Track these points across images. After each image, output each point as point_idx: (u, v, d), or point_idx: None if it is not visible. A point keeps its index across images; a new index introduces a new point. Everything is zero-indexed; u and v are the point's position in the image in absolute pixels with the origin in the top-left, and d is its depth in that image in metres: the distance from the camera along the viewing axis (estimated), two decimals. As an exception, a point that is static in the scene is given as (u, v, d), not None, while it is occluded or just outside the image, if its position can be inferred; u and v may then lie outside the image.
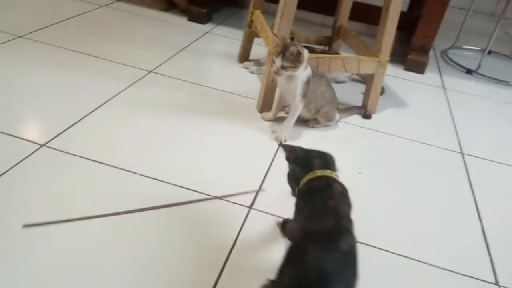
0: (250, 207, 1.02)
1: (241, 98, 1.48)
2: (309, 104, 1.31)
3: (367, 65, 1.43)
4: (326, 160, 0.83)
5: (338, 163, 1.21)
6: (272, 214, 1.00)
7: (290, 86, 1.25)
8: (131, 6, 2.13)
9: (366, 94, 1.51)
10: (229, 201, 1.02)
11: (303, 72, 1.23)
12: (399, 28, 1.43)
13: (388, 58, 1.44)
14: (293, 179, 0.83)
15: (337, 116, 1.40)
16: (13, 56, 1.49)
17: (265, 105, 1.40)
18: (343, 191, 0.78)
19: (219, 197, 1.02)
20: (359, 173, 1.21)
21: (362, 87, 1.59)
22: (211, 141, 1.23)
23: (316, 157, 0.83)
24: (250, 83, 1.59)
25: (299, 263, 0.63)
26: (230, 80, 1.60)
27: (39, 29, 1.71)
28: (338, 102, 1.40)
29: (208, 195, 1.02)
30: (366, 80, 1.52)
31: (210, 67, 1.69)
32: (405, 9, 2.31)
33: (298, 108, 1.29)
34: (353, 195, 1.11)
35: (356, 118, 1.48)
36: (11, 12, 1.84)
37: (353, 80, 1.76)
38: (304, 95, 1.27)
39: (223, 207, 1.00)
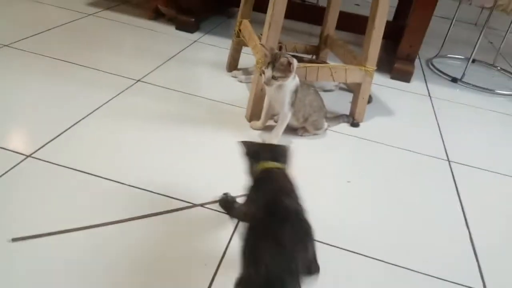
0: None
1: (230, 107, 1.48)
2: (297, 113, 1.32)
3: (354, 74, 1.45)
4: (275, 153, 0.85)
5: (327, 172, 1.22)
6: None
7: (279, 95, 1.26)
8: (118, 15, 2.13)
9: (354, 103, 1.52)
10: (218, 211, 1.01)
11: (292, 82, 1.24)
12: (385, 37, 1.45)
13: (375, 67, 1.46)
14: (249, 173, 0.85)
15: (325, 124, 1.41)
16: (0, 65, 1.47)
17: (254, 114, 1.40)
18: (285, 179, 0.81)
19: (201, 205, 1.01)
20: (347, 181, 1.21)
21: (349, 96, 1.60)
22: (199, 151, 1.23)
23: (266, 150, 0.85)
24: (238, 92, 1.60)
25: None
26: (219, 89, 1.60)
27: (25, 38, 1.69)
28: (326, 110, 1.41)
29: (195, 204, 1.01)
30: (354, 89, 1.53)
31: (198, 76, 1.68)
32: (390, 18, 2.34)
33: (287, 117, 1.29)
34: (342, 203, 1.12)
35: (344, 127, 1.49)
36: (10, 20, 1.82)
37: (341, 89, 1.77)
38: (293, 104, 1.28)
39: (211, 216, 0.99)
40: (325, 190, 1.16)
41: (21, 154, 1.07)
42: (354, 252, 0.97)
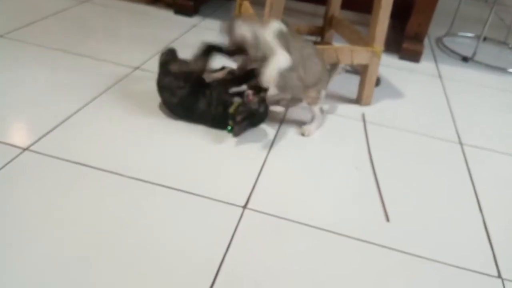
0: (244, 206, 0.97)
1: (232, 93, 1.43)
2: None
3: (361, 56, 1.38)
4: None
5: (333, 158, 1.17)
6: (270, 214, 0.96)
7: None
8: (114, 1, 2.06)
9: (361, 86, 1.46)
10: (221, 201, 0.97)
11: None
12: (392, 15, 1.38)
13: (383, 48, 1.39)
14: None
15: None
16: (-9, 56, 1.42)
17: (256, 100, 1.35)
18: None
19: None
20: (355, 168, 1.16)
21: (356, 79, 1.54)
22: (201, 138, 1.18)
23: None
24: (240, 77, 1.54)
25: None
26: (220, 74, 1.54)
27: (19, 28, 1.64)
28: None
29: (195, 194, 0.97)
30: (361, 71, 1.47)
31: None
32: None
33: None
34: (351, 190, 1.08)
35: (351, 111, 1.43)
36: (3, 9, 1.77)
37: (347, 71, 1.71)
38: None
39: (214, 208, 0.95)
40: (329, 177, 1.11)
41: (18, 147, 1.03)
42: (363, 241, 0.92)
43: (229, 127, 1.17)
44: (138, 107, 1.27)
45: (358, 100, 1.48)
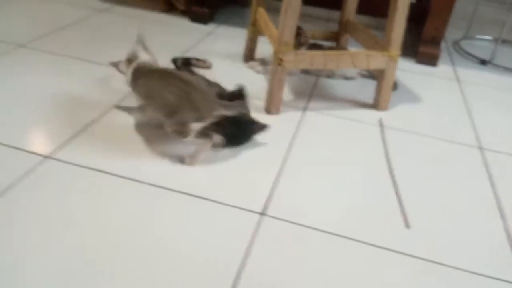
0: (262, 213, 0.97)
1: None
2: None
3: (377, 60, 1.37)
4: None
5: (351, 163, 1.16)
6: (288, 221, 0.95)
7: None
8: (131, 10, 2.09)
9: (378, 90, 1.45)
10: (238, 207, 0.97)
11: None
12: (408, 19, 1.36)
13: (399, 52, 1.38)
14: None
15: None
16: (16, 66, 1.45)
17: (273, 106, 1.35)
18: None
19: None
20: (374, 174, 1.15)
21: (373, 83, 1.53)
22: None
23: None
24: (256, 83, 1.54)
25: None
26: (236, 81, 1.54)
27: (40, 37, 1.67)
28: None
29: (212, 200, 0.98)
30: (377, 75, 1.46)
31: (215, 68, 1.64)
32: None
33: None
34: (369, 196, 1.07)
35: (367, 115, 1.42)
36: (10, 22, 1.81)
37: (363, 76, 1.70)
38: None
39: (231, 214, 0.95)
40: (347, 183, 1.10)
41: (39, 154, 1.05)
42: (383, 248, 0.91)
43: None
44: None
45: (375, 105, 1.47)
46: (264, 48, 1.68)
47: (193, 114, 0.98)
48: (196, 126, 0.98)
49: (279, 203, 1.00)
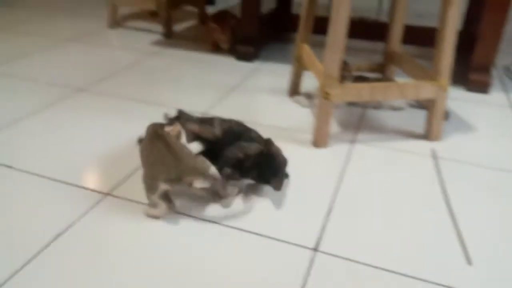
0: (315, 249, 0.95)
1: (294, 133, 1.44)
2: None
3: (426, 90, 1.35)
4: None
5: (403, 196, 1.13)
6: (342, 257, 0.93)
7: None
8: (179, 51, 2.20)
9: (429, 121, 1.42)
10: (285, 242, 0.96)
11: None
12: (456, 47, 1.34)
13: (449, 81, 1.35)
14: None
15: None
16: (78, 109, 1.56)
17: (320, 139, 1.35)
18: None
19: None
20: (430, 207, 1.11)
21: (422, 113, 1.50)
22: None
23: None
24: (302, 118, 1.56)
25: None
26: (282, 115, 1.58)
27: (98, 82, 1.79)
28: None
29: (262, 235, 0.97)
30: (427, 105, 1.43)
31: (260, 104, 1.67)
32: (460, 26, 2.20)
33: None
34: (426, 231, 1.03)
35: (417, 145, 1.39)
36: (71, 67, 1.95)
37: (412, 106, 1.67)
38: None
39: (281, 250, 0.95)
40: (402, 217, 1.07)
41: (100, 192, 1.11)
42: (444, 286, 0.87)
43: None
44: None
45: (426, 136, 1.43)
46: (309, 82, 1.71)
47: (164, 174, 0.98)
48: (165, 186, 0.98)
49: (332, 239, 0.99)
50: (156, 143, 0.99)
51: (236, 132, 1.16)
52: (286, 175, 1.16)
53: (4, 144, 1.31)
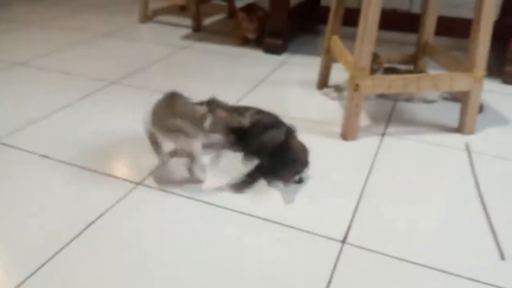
0: (343, 241, 0.95)
1: (322, 125, 1.44)
2: None
3: (461, 82, 1.32)
4: None
5: (436, 190, 1.11)
6: (370, 250, 0.93)
7: None
8: (209, 45, 2.22)
9: (463, 113, 1.38)
10: (314, 234, 0.96)
11: None
12: (492, 38, 1.30)
13: (485, 73, 1.31)
14: None
15: None
16: (111, 101, 1.60)
17: (349, 132, 1.34)
18: None
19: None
20: (463, 202, 1.08)
21: (455, 106, 1.46)
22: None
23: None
24: (330, 110, 1.55)
25: None
26: (310, 108, 1.57)
27: (130, 75, 1.83)
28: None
29: (291, 226, 0.98)
30: (461, 98, 1.39)
31: (289, 96, 1.67)
32: (496, 17, 2.12)
33: None
34: (458, 225, 1.01)
35: (453, 140, 1.35)
36: (105, 61, 2.01)
37: (445, 98, 1.63)
38: None
39: (309, 241, 0.95)
40: (433, 211, 1.05)
41: (132, 182, 1.14)
42: (475, 280, 0.85)
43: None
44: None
45: (460, 129, 1.40)
46: (338, 75, 1.69)
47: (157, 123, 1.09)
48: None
49: (361, 231, 0.98)
50: (166, 100, 1.10)
51: (266, 124, 1.16)
52: (300, 172, 1.12)
53: (41, 135, 1.37)
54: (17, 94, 1.65)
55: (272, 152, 1.11)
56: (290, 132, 1.13)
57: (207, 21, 2.61)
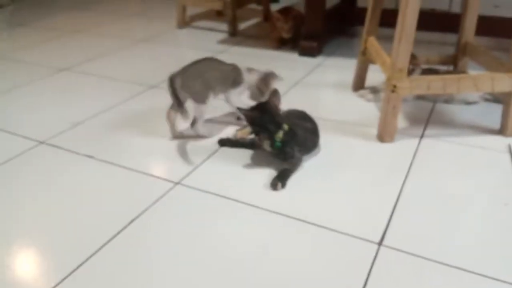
0: (380, 243, 0.94)
1: (358, 127, 1.43)
2: None
3: (503, 83, 1.27)
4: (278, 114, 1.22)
5: (478, 194, 1.08)
6: (407, 252, 0.92)
7: None
8: (245, 49, 2.25)
9: (505, 115, 1.34)
10: (355, 236, 0.96)
11: None
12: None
13: (529, 73, 1.26)
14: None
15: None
16: (151, 103, 1.65)
17: (386, 133, 1.33)
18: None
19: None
20: (505, 204, 1.05)
21: (497, 108, 1.41)
22: (331, 174, 1.19)
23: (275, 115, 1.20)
24: (366, 111, 1.53)
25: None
26: (346, 109, 1.56)
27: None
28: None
29: (328, 228, 0.98)
30: (504, 99, 1.35)
31: (324, 98, 1.67)
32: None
33: None
34: (499, 228, 0.97)
35: (494, 142, 1.31)
36: (142, 66, 2.07)
37: (486, 100, 1.58)
38: None
39: (348, 243, 0.94)
40: (478, 215, 1.02)
41: (171, 181, 1.17)
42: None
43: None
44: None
45: (502, 131, 1.35)
46: (375, 76, 1.67)
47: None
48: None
49: (398, 233, 0.97)
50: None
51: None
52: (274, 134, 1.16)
53: (86, 136, 1.43)
54: (62, 98, 1.74)
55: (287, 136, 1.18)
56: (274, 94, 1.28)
57: (243, 26, 2.65)
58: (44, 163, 1.29)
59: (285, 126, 1.16)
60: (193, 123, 1.36)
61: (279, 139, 1.15)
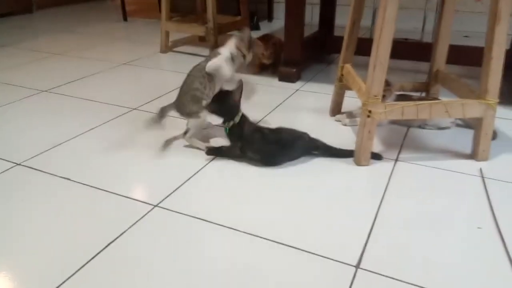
0: (357, 266, 0.95)
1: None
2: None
3: (473, 109, 1.33)
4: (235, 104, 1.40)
5: (451, 217, 1.11)
6: (386, 276, 0.93)
7: None
8: (226, 73, 2.28)
9: (476, 140, 1.39)
10: (327, 258, 0.97)
11: None
12: (504, 67, 1.32)
13: (497, 100, 1.32)
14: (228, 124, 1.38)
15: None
16: (131, 126, 1.65)
17: (362, 157, 1.36)
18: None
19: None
20: (478, 228, 1.08)
21: (468, 133, 1.46)
22: (308, 196, 1.21)
23: (231, 106, 1.40)
24: (343, 136, 1.57)
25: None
26: (323, 134, 1.59)
27: (148, 102, 1.90)
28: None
29: (304, 250, 0.99)
30: (474, 125, 1.40)
31: (302, 123, 1.70)
32: (508, 46, 2.14)
33: None
34: (474, 252, 1.00)
35: (464, 165, 1.36)
36: (124, 88, 2.08)
37: (458, 125, 1.64)
38: None
39: (324, 266, 0.95)
40: (451, 239, 1.05)
41: (150, 204, 1.17)
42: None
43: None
44: (249, 167, 1.36)
45: (473, 155, 1.40)
46: (350, 101, 1.72)
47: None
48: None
49: (375, 256, 0.98)
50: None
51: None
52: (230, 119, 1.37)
53: (64, 158, 1.42)
54: (41, 119, 1.72)
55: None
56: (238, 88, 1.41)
57: (223, 51, 2.69)
58: (19, 185, 1.27)
59: (237, 119, 1.36)
60: (185, 132, 1.48)
61: (228, 126, 1.36)
